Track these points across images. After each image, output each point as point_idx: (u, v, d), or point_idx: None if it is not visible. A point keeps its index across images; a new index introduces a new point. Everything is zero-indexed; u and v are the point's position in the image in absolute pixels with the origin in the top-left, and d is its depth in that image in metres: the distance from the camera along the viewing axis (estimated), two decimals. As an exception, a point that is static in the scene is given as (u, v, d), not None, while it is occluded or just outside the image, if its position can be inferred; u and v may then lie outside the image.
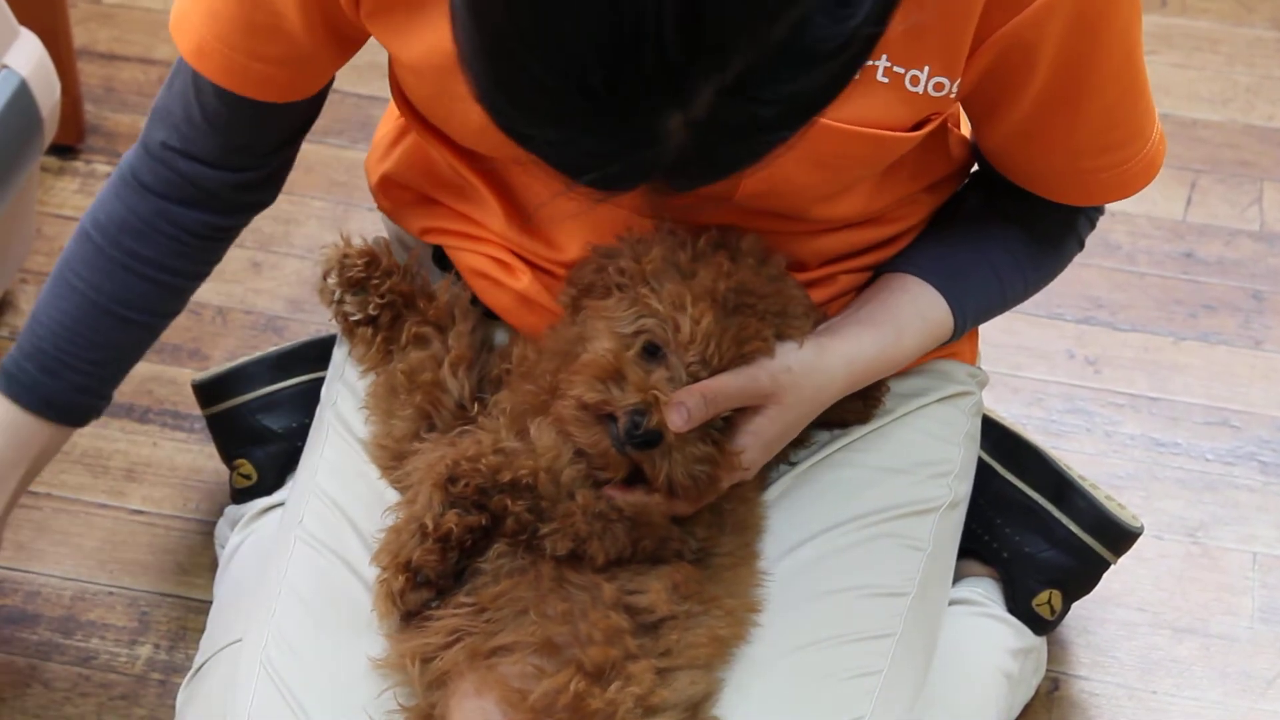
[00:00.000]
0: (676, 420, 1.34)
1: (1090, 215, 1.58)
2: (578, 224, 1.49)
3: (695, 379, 1.36)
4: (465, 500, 1.37)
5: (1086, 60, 1.39)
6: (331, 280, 1.53)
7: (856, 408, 1.53)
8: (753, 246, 1.42)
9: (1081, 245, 1.59)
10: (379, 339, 1.53)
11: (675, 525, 1.41)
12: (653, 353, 1.38)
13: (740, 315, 1.38)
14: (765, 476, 1.51)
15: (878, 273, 1.54)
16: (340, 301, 1.53)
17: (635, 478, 1.38)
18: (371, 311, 1.53)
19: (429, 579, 1.38)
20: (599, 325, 1.40)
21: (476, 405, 1.48)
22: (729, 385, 1.37)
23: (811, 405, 1.44)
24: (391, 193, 1.62)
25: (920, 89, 1.37)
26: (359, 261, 1.52)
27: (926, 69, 1.37)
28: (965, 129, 1.56)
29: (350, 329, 1.55)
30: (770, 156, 1.13)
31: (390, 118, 1.64)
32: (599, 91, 1.05)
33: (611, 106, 1.06)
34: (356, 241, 1.54)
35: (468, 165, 1.52)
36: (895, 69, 1.36)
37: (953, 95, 1.39)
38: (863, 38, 1.09)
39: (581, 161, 1.11)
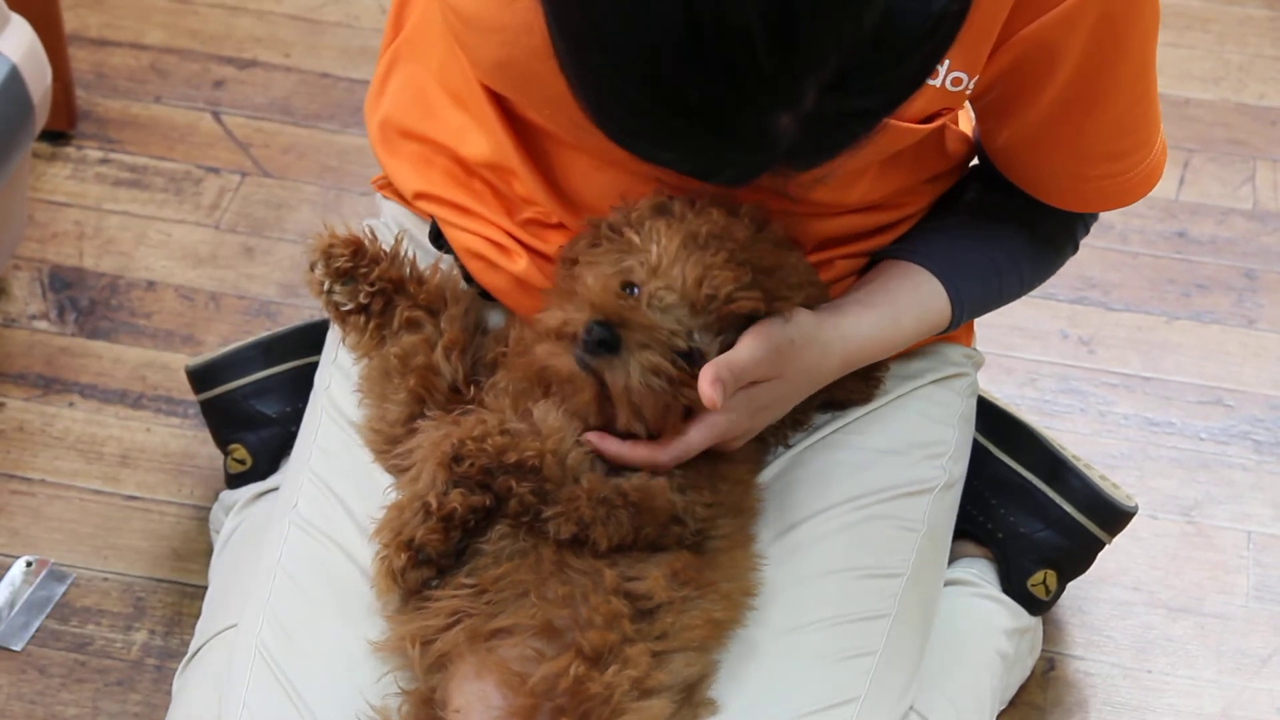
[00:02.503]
0: (713, 397, 1.33)
1: (1087, 221, 1.59)
2: (590, 183, 1.48)
3: (664, 308, 1.36)
4: (470, 480, 1.37)
5: (1107, 66, 1.39)
6: (319, 272, 1.52)
7: (858, 388, 1.53)
8: (751, 211, 1.42)
9: (1076, 249, 1.60)
10: (371, 325, 1.53)
11: (676, 496, 1.41)
12: (629, 289, 1.38)
13: (720, 257, 1.37)
14: (761, 459, 1.51)
15: (878, 258, 1.54)
16: (330, 292, 1.52)
17: (616, 430, 1.39)
18: (362, 300, 1.52)
19: (430, 558, 1.38)
20: (584, 271, 1.41)
21: (471, 389, 1.48)
22: (748, 359, 1.37)
23: (806, 378, 1.44)
24: (390, 140, 1.60)
25: (939, 82, 1.37)
26: (345, 251, 1.51)
27: (947, 63, 1.36)
28: (964, 126, 1.56)
29: (342, 318, 1.54)
30: (880, 129, 1.14)
31: (383, 51, 1.62)
32: (699, 110, 1.06)
33: (715, 121, 1.07)
34: (341, 230, 1.53)
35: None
36: None
37: (968, 92, 1.39)
38: (950, 16, 1.10)
39: (704, 169, 1.14)
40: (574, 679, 1.34)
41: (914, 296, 1.50)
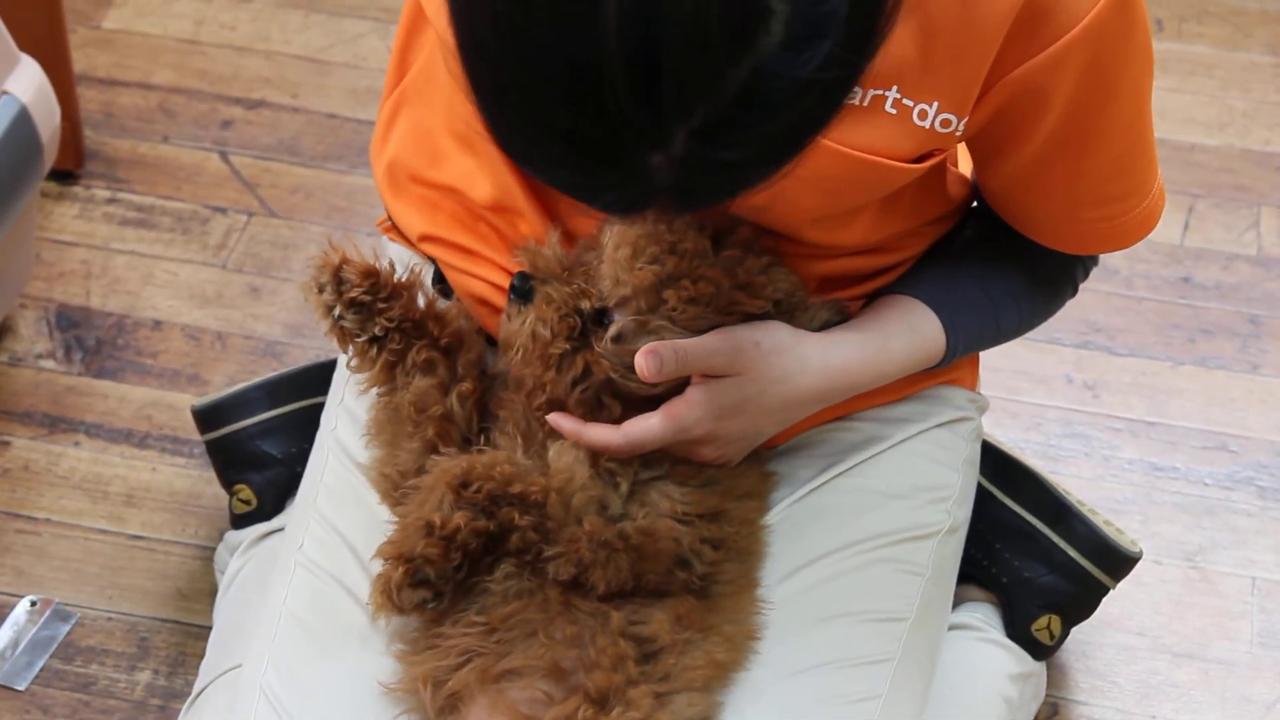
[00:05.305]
0: (645, 366, 1.36)
1: (1086, 263, 1.59)
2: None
3: (588, 273, 1.39)
4: (475, 505, 1.37)
5: (1098, 110, 1.39)
6: (327, 295, 1.46)
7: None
8: (744, 236, 1.42)
9: (1076, 291, 1.60)
10: (383, 359, 1.48)
11: (683, 536, 1.41)
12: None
13: (654, 244, 1.38)
14: (767, 502, 1.51)
15: (871, 297, 1.54)
16: (339, 318, 1.46)
17: (592, 415, 1.41)
18: (377, 333, 1.46)
19: (428, 578, 1.37)
20: None
21: (481, 438, 1.47)
22: (699, 347, 1.38)
23: (778, 389, 1.43)
24: (398, 183, 1.60)
25: (927, 123, 1.38)
26: (361, 283, 1.45)
27: (935, 104, 1.37)
28: (964, 167, 1.56)
29: (348, 342, 1.48)
30: (766, 184, 1.15)
31: (386, 97, 1.63)
32: (574, 139, 1.08)
33: (591, 151, 1.09)
34: (351, 253, 1.47)
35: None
36: (905, 101, 1.36)
37: (958, 134, 1.39)
38: (823, 84, 1.10)
39: (583, 193, 1.15)
40: (582, 723, 1.34)
41: (904, 321, 1.50)
